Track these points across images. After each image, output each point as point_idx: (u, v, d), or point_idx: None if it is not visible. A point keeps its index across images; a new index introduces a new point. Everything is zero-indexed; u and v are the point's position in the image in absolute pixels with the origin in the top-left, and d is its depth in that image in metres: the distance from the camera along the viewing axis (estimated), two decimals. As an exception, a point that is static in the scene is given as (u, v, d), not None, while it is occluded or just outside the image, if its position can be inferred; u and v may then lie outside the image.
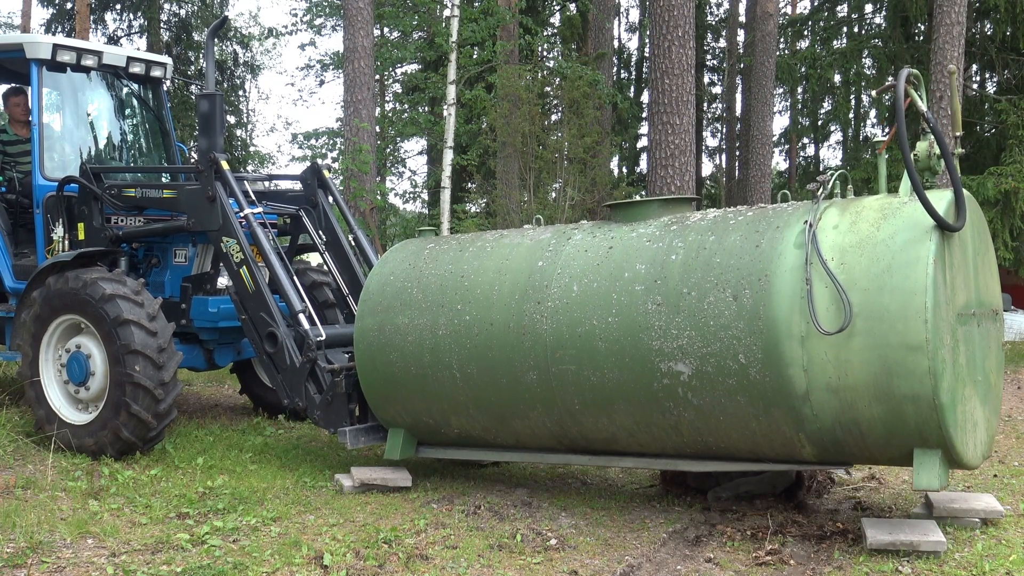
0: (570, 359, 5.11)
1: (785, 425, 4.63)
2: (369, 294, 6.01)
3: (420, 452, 6.08)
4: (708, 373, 4.70)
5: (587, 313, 5.07)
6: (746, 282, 4.62)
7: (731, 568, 4.52)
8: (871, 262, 4.40)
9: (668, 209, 5.39)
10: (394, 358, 5.77)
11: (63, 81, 7.76)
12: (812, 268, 4.47)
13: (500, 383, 5.40)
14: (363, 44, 14.13)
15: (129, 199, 7.13)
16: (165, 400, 6.28)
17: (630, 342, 4.92)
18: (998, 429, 8.16)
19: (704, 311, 4.71)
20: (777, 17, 21.03)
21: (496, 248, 5.71)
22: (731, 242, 4.79)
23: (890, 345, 4.30)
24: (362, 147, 13.64)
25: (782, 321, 4.49)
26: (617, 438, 5.23)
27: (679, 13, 11.30)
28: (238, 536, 4.91)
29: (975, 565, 4.48)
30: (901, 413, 4.36)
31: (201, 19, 25.93)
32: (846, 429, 4.53)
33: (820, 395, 4.48)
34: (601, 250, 5.24)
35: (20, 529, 4.82)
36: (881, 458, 4.71)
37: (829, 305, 4.41)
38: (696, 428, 4.90)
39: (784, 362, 4.50)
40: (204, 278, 7.22)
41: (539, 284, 5.32)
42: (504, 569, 4.50)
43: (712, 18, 29.12)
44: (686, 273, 4.83)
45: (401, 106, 25.86)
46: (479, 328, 5.44)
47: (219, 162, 6.56)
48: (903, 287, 4.29)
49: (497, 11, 18.50)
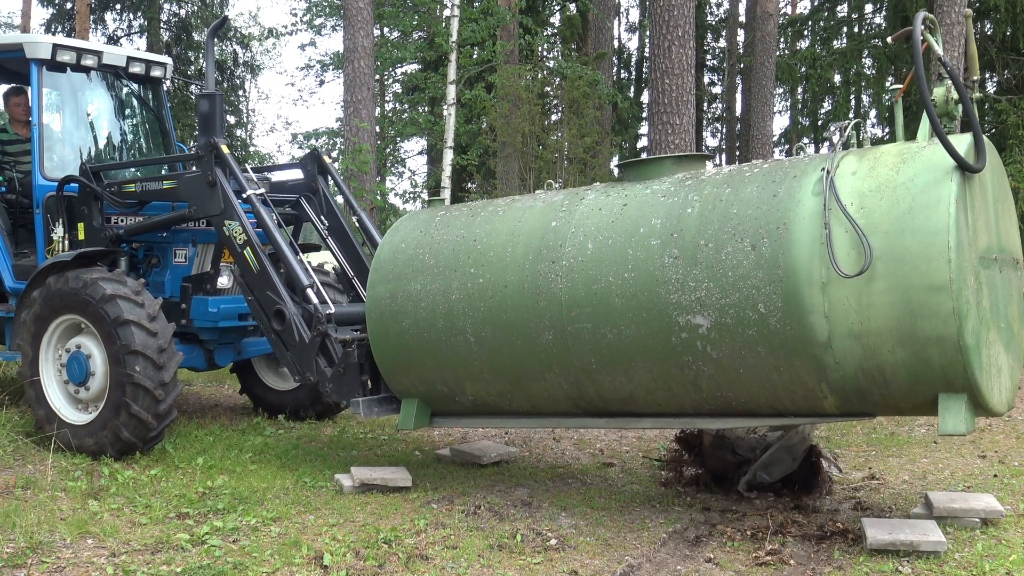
0: (586, 317, 5.03)
1: (807, 375, 4.55)
2: (380, 262, 5.94)
3: (434, 422, 5.99)
4: (727, 325, 4.62)
5: (602, 270, 5.00)
6: (764, 231, 4.56)
7: (731, 568, 4.52)
8: (891, 205, 4.34)
9: (681, 166, 5.32)
10: (407, 325, 5.69)
11: (63, 81, 7.76)
12: (831, 214, 4.39)
13: (515, 345, 5.31)
14: (363, 44, 14.13)
15: (130, 195, 7.14)
16: (165, 400, 6.28)
17: (647, 297, 4.84)
18: (998, 429, 8.16)
19: (722, 262, 4.63)
20: (777, 17, 21.03)
21: (508, 211, 5.64)
22: (748, 193, 4.72)
23: (913, 287, 4.23)
24: (362, 147, 13.64)
25: (802, 268, 4.43)
26: (635, 397, 5.14)
27: (679, 13, 11.30)
28: (238, 536, 4.91)
29: (975, 565, 4.49)
30: (925, 357, 4.28)
31: (201, 19, 25.93)
32: (869, 376, 4.44)
33: (842, 342, 4.40)
34: (615, 208, 5.17)
35: (20, 529, 4.82)
36: (905, 406, 4.59)
37: (849, 250, 4.35)
38: (715, 383, 4.81)
39: (805, 310, 4.42)
40: (204, 278, 7.21)
41: (553, 244, 5.24)
42: (504, 569, 4.50)
43: (712, 18, 29.11)
44: (702, 225, 4.75)
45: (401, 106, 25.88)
46: (493, 290, 5.36)
47: (219, 147, 6.56)
48: (925, 228, 4.23)
49: (497, 11, 18.50)
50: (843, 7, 24.45)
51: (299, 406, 8.05)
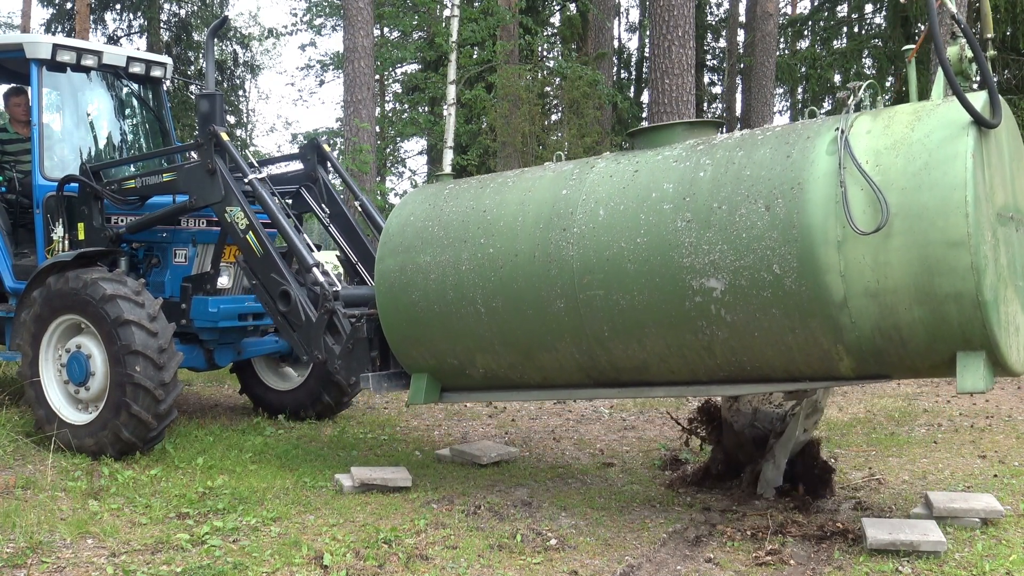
0: (598, 284, 4.98)
1: (822, 336, 4.50)
2: (389, 236, 5.90)
3: (444, 398, 5.94)
4: (741, 287, 4.58)
5: (614, 236, 4.95)
6: (778, 192, 4.51)
7: (731, 568, 4.52)
8: (907, 162, 4.30)
9: (693, 132, 5.29)
10: (416, 298, 5.64)
11: (63, 81, 7.76)
12: (846, 172, 4.35)
13: (526, 314, 5.27)
14: (363, 44, 14.14)
15: (130, 191, 7.14)
16: (165, 400, 6.27)
17: (660, 261, 4.79)
18: (998, 429, 8.16)
19: (736, 224, 4.59)
20: (777, 17, 21.04)
21: (518, 182, 5.61)
22: (761, 155, 4.68)
23: (930, 243, 4.18)
24: (362, 147, 13.65)
25: (817, 228, 4.38)
26: (648, 365, 5.09)
27: (679, 13, 11.32)
28: (238, 536, 4.91)
29: (975, 565, 4.49)
30: (943, 314, 4.23)
31: (201, 19, 25.95)
32: (886, 336, 4.39)
33: (858, 301, 4.35)
34: (626, 174, 5.13)
35: (20, 529, 4.82)
36: (922, 367, 4.54)
37: (865, 207, 4.30)
38: (730, 347, 4.76)
39: (820, 269, 4.38)
40: (204, 278, 7.21)
41: (564, 212, 5.19)
42: (504, 569, 4.50)
43: (712, 18, 29.12)
44: (715, 188, 4.71)
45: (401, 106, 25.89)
46: (503, 260, 5.32)
47: (219, 134, 6.56)
48: (942, 183, 4.19)
49: (497, 11, 18.51)
50: (843, 7, 24.46)
51: (299, 406, 8.05)
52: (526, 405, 9.39)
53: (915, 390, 10.84)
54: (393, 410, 8.95)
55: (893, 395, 10.26)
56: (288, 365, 8.35)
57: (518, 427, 8.24)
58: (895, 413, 8.96)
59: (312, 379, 7.99)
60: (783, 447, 5.58)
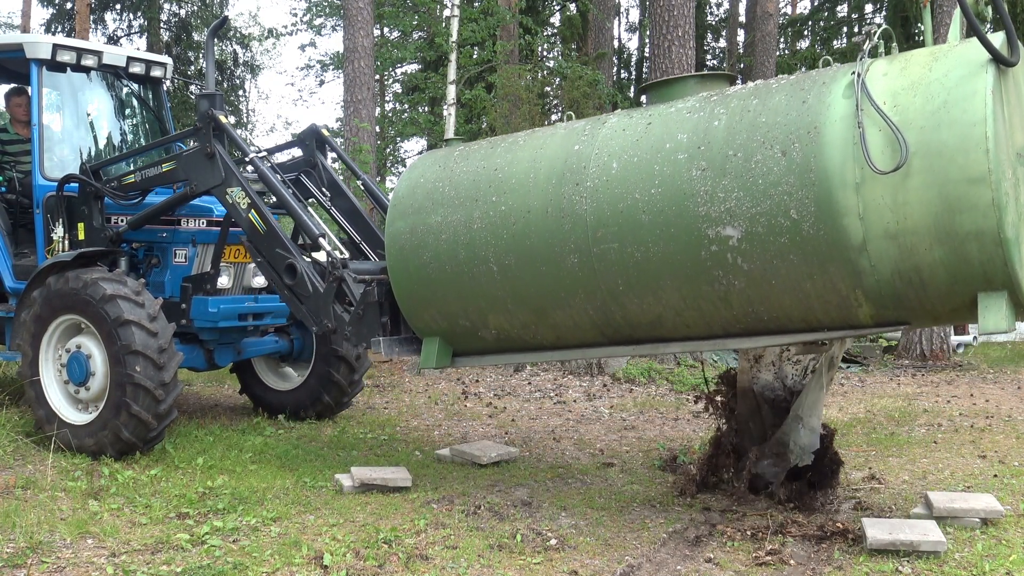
0: (612, 237, 4.93)
1: (841, 282, 4.46)
2: (399, 198, 5.84)
3: (456, 362, 5.88)
4: (758, 234, 4.53)
5: (628, 188, 4.90)
6: (795, 136, 4.47)
7: (731, 568, 4.52)
8: (925, 100, 4.28)
9: (705, 85, 5.25)
10: (428, 259, 5.59)
11: (63, 81, 7.76)
12: (863, 114, 4.32)
13: (540, 271, 5.21)
14: (363, 44, 14.14)
15: (131, 186, 7.14)
16: (165, 400, 6.28)
17: (675, 211, 4.73)
18: (998, 429, 8.16)
19: (752, 170, 4.55)
20: (777, 17, 21.05)
21: (529, 140, 5.57)
22: (776, 102, 4.65)
23: (950, 180, 4.15)
24: (362, 147, 13.65)
25: (835, 171, 4.34)
26: (663, 320, 5.04)
27: (679, 13, 11.31)
28: (238, 536, 4.91)
29: (975, 565, 4.49)
30: (964, 253, 4.20)
31: (201, 19, 25.96)
32: (906, 279, 4.35)
33: (878, 243, 4.31)
34: (639, 127, 5.09)
35: (20, 529, 4.82)
36: (942, 310, 4.49)
37: (884, 148, 4.27)
38: (746, 297, 4.71)
39: (839, 212, 4.34)
40: (204, 278, 7.21)
41: (576, 166, 5.14)
42: (504, 569, 4.50)
43: (712, 18, 29.14)
44: (730, 136, 4.67)
45: (401, 106, 25.90)
46: (516, 216, 5.26)
47: (217, 118, 6.55)
48: (961, 120, 4.16)
49: (497, 11, 18.51)
50: (843, 7, 24.48)
51: (299, 406, 8.05)
52: (526, 405, 9.39)
53: (915, 390, 10.85)
54: (393, 410, 8.95)
55: (893, 395, 10.27)
56: (288, 365, 8.35)
57: (518, 427, 8.24)
58: (895, 413, 8.97)
59: (312, 379, 7.99)
60: (812, 408, 5.46)
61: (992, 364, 13.54)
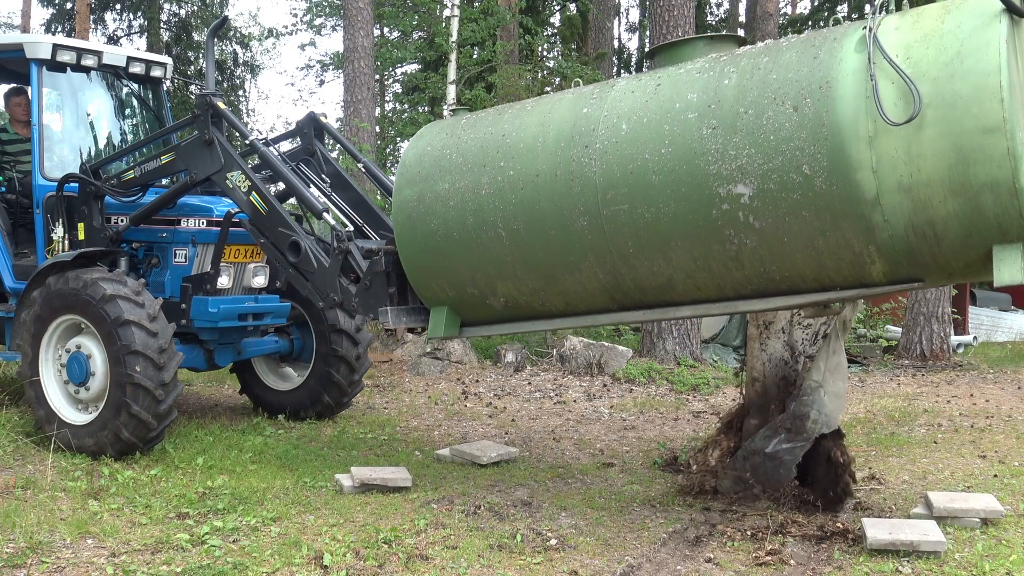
0: (622, 198, 4.89)
1: (854, 238, 4.44)
2: (406, 167, 5.81)
3: (464, 332, 5.85)
4: (770, 191, 4.51)
5: (638, 149, 4.87)
6: (806, 92, 4.45)
7: (731, 568, 4.52)
8: (939, 52, 4.26)
9: (714, 47, 5.23)
10: (435, 226, 5.54)
11: (63, 81, 7.75)
12: (876, 67, 4.31)
13: (549, 235, 5.17)
14: (363, 44, 14.14)
15: (131, 182, 7.15)
16: (165, 401, 6.28)
17: (686, 171, 4.70)
18: (998, 429, 8.17)
19: (763, 127, 4.53)
20: (777, 17, 21.03)
21: (537, 106, 5.55)
22: (787, 59, 4.63)
23: (965, 131, 4.13)
24: (362, 147, 13.63)
25: (847, 124, 4.32)
26: (673, 283, 5.00)
27: (679, 13, 11.31)
28: (238, 536, 4.91)
29: (975, 565, 4.49)
30: (979, 205, 4.17)
31: (201, 19, 25.96)
32: (920, 233, 4.32)
33: (891, 197, 4.29)
34: (649, 88, 5.06)
35: (20, 529, 4.82)
36: (955, 266, 4.46)
37: (897, 100, 4.25)
38: (758, 257, 4.68)
39: (851, 166, 4.31)
40: (204, 278, 7.21)
41: (585, 129, 5.11)
42: (504, 569, 4.50)
43: (712, 18, 29.13)
44: (741, 94, 4.65)
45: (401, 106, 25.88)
46: (524, 181, 5.23)
47: (214, 104, 6.56)
48: (975, 70, 4.15)
49: (497, 11, 18.51)
50: (843, 7, 24.46)
51: (299, 406, 8.05)
52: (526, 405, 9.39)
53: (915, 390, 10.85)
54: (393, 410, 8.96)
55: (893, 395, 10.27)
56: (288, 365, 8.35)
57: (518, 427, 8.24)
58: (895, 413, 8.97)
59: (312, 379, 7.99)
60: (835, 371, 5.40)
61: (992, 364, 13.54)
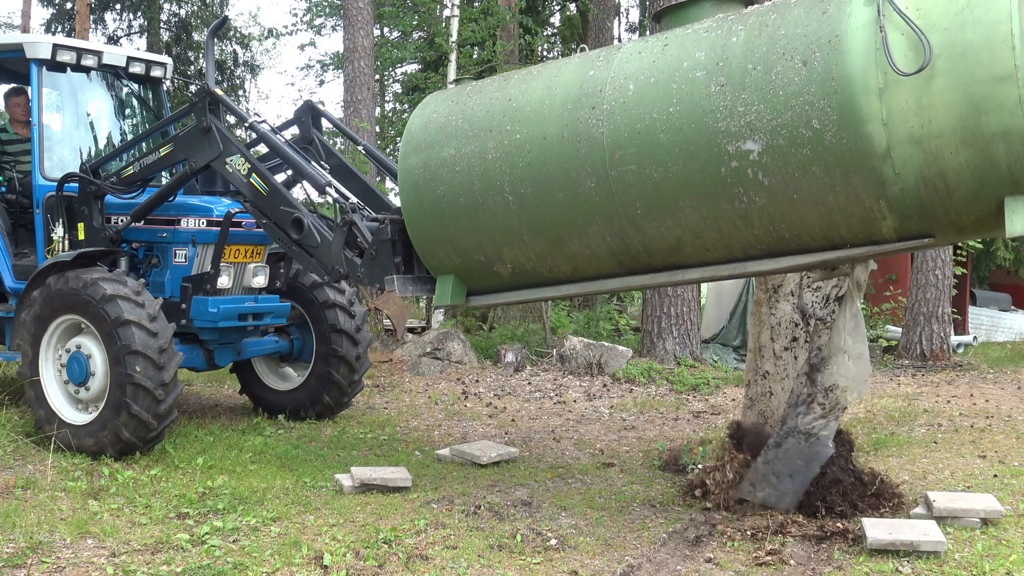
0: (630, 159, 4.88)
1: (864, 192, 4.42)
2: (411, 134, 5.79)
3: (471, 301, 5.81)
4: (780, 147, 4.49)
5: (646, 108, 4.86)
6: (815, 46, 4.44)
7: (731, 568, 4.52)
8: (949, 1, 4.26)
9: (721, 7, 5.21)
10: (441, 192, 5.51)
11: (63, 81, 7.75)
12: (885, 19, 4.29)
13: (556, 198, 5.16)
14: (363, 44, 14.14)
15: (131, 177, 7.15)
16: (166, 401, 6.28)
17: (694, 129, 4.69)
18: (998, 429, 8.17)
19: (772, 82, 4.52)
20: None
21: (543, 71, 5.52)
22: (795, 15, 4.63)
23: (976, 80, 4.11)
24: (362, 147, 13.64)
25: (857, 77, 4.30)
26: (682, 244, 4.98)
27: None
28: (238, 536, 4.91)
29: (975, 565, 4.49)
30: (991, 155, 4.16)
31: (201, 19, 25.97)
32: (931, 186, 4.30)
33: (902, 149, 4.27)
34: (655, 49, 5.05)
35: (20, 529, 4.82)
36: (967, 220, 4.43)
37: (907, 52, 4.23)
38: (768, 215, 4.66)
39: (862, 119, 4.29)
40: (204, 278, 7.21)
41: (592, 91, 5.09)
42: (504, 569, 4.50)
43: None
44: (749, 50, 4.64)
45: (401, 106, 25.89)
46: (531, 144, 5.21)
47: (212, 91, 6.57)
48: (986, 18, 4.13)
49: (497, 11, 18.52)
50: None
51: (299, 406, 8.05)
52: (526, 405, 9.39)
53: (915, 390, 10.85)
54: (393, 410, 8.96)
55: (893, 395, 10.27)
56: (288, 365, 8.36)
57: (518, 427, 8.24)
58: (895, 413, 8.97)
59: (312, 379, 7.99)
60: (854, 332, 5.34)
61: (992, 364, 13.54)
